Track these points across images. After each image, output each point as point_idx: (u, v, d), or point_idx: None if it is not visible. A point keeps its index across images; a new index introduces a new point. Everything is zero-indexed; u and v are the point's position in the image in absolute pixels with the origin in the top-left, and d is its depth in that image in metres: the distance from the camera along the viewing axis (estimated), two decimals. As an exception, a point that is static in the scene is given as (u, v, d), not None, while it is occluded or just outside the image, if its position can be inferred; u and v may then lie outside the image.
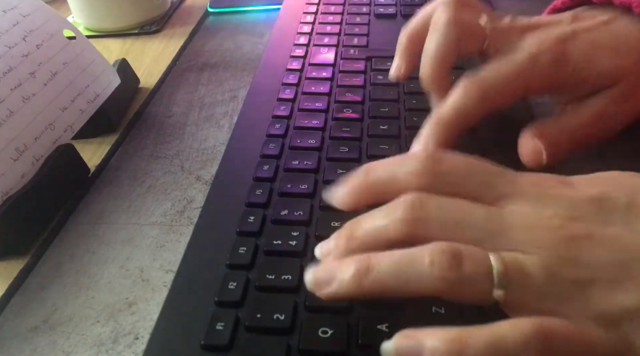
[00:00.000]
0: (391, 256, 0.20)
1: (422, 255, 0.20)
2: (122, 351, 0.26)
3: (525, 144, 0.30)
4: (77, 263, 0.31)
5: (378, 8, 0.51)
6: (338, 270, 0.21)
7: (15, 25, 0.37)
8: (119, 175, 0.38)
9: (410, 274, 0.20)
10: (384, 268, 0.20)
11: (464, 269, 0.19)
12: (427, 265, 0.19)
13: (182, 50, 0.54)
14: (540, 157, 0.29)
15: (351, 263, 0.21)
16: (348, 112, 0.37)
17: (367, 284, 0.20)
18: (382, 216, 0.22)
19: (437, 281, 0.19)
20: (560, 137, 0.30)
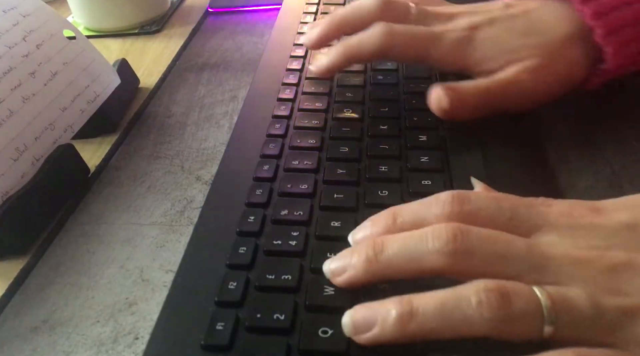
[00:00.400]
0: (435, 298, 0.20)
1: (468, 295, 0.19)
2: (122, 351, 0.26)
3: (432, 93, 0.33)
4: (77, 263, 0.31)
5: (378, 8, 0.51)
6: (379, 314, 0.20)
7: (15, 25, 0.37)
8: (119, 175, 0.38)
9: (457, 316, 0.19)
10: (430, 311, 0.19)
11: (513, 307, 0.19)
12: (475, 306, 0.19)
13: (182, 50, 0.54)
14: (440, 104, 0.32)
15: (392, 306, 0.20)
16: (348, 112, 0.37)
17: (411, 330, 0.19)
18: (418, 242, 0.21)
19: (486, 322, 0.19)
20: (468, 92, 0.33)
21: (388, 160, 0.32)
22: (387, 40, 0.33)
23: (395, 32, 0.33)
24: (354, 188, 0.30)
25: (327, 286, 0.25)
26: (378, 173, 0.31)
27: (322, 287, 0.25)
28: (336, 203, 0.29)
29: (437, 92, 0.33)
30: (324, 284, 0.25)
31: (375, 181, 0.31)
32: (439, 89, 0.32)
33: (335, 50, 0.36)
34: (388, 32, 0.33)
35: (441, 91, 0.32)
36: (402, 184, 0.30)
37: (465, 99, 0.33)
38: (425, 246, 0.21)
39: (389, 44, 0.33)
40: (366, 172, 0.31)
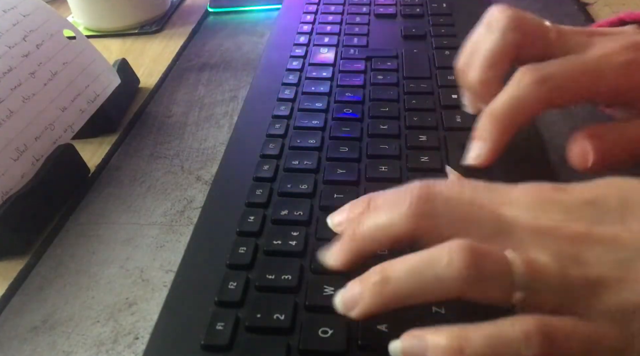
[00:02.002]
0: (406, 261, 0.20)
1: (440, 255, 0.19)
2: (122, 351, 0.26)
3: (573, 145, 0.27)
4: (77, 263, 0.31)
5: (378, 8, 0.51)
6: (358, 289, 0.21)
7: (15, 25, 0.37)
8: (119, 175, 0.38)
9: (429, 277, 0.19)
10: (402, 275, 0.20)
11: (484, 267, 0.19)
12: (445, 265, 0.19)
13: (182, 50, 0.54)
14: (587, 160, 0.27)
15: (371, 275, 0.21)
16: (348, 112, 0.37)
17: (387, 296, 0.20)
18: (387, 211, 0.22)
19: (457, 281, 0.19)
20: (616, 141, 0.27)
21: (388, 160, 0.32)
22: (545, 88, 0.27)
23: (551, 76, 0.27)
24: (354, 188, 0.30)
25: (327, 286, 0.25)
26: (378, 173, 0.31)
27: (322, 287, 0.25)
28: (336, 203, 0.29)
29: (582, 144, 0.27)
30: (324, 285, 0.25)
31: (375, 180, 0.31)
32: (585, 141, 0.27)
33: (490, 128, 0.28)
34: (542, 78, 0.26)
35: (587, 142, 0.27)
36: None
37: (613, 154, 0.27)
38: (396, 212, 0.21)
39: (548, 92, 0.27)
40: (366, 172, 0.31)
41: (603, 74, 0.27)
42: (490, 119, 0.28)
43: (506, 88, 0.28)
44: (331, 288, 0.25)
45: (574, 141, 0.27)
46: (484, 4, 0.52)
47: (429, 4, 0.50)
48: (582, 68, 0.27)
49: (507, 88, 0.27)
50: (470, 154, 0.29)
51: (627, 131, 0.27)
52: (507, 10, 0.29)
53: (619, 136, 0.27)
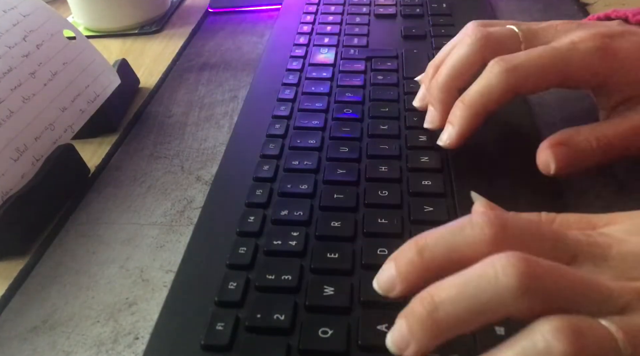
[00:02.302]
0: (510, 347, 0.18)
1: (538, 341, 0.17)
2: (122, 351, 0.26)
3: (538, 153, 0.29)
4: (77, 263, 0.31)
5: (378, 8, 0.51)
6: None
7: (15, 25, 0.37)
8: (119, 175, 0.38)
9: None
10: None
11: (591, 345, 0.17)
12: (548, 348, 0.17)
13: (182, 50, 0.54)
14: (548, 169, 0.28)
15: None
16: (348, 112, 0.37)
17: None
18: (481, 283, 0.18)
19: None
20: (588, 147, 0.28)
21: (388, 160, 0.32)
22: (512, 76, 0.28)
23: (518, 65, 0.28)
24: (354, 188, 0.30)
25: (327, 286, 0.25)
26: (378, 173, 0.31)
27: (322, 287, 0.25)
28: (336, 203, 0.29)
29: (545, 154, 0.28)
30: (324, 285, 0.25)
31: (375, 181, 0.31)
32: (547, 151, 0.28)
33: (459, 114, 0.30)
34: (509, 67, 0.28)
35: (549, 152, 0.28)
36: (402, 184, 0.31)
37: (580, 157, 0.28)
38: (492, 289, 0.18)
39: (515, 80, 0.28)
40: (366, 172, 0.31)
41: (570, 61, 0.28)
42: (461, 106, 0.30)
43: (479, 78, 0.30)
44: (331, 288, 0.25)
45: (539, 149, 0.29)
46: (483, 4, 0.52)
47: (429, 4, 0.50)
48: (549, 55, 0.29)
49: (479, 78, 0.30)
50: (442, 137, 0.31)
51: (601, 133, 0.28)
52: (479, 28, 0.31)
53: (584, 142, 0.28)
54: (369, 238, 0.27)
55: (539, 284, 0.18)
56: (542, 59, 0.28)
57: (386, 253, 0.26)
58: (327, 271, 0.26)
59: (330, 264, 0.26)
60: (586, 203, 0.31)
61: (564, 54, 0.28)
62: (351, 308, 0.24)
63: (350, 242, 0.27)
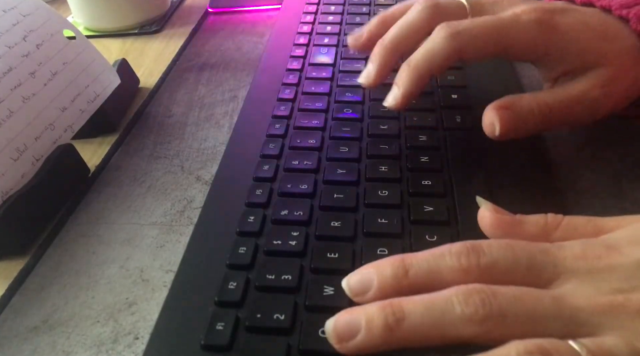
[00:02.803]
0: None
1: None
2: (122, 351, 0.26)
3: (484, 115, 0.30)
4: (77, 263, 0.31)
5: (378, 8, 0.51)
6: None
7: (15, 25, 0.37)
8: (119, 175, 0.38)
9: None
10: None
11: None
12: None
13: (182, 50, 0.54)
14: (493, 130, 0.29)
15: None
16: (348, 112, 0.37)
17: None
18: (444, 308, 0.20)
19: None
20: (529, 112, 0.29)
21: (388, 160, 0.32)
22: (456, 41, 0.30)
23: (462, 30, 0.30)
24: (354, 188, 0.30)
25: (327, 286, 0.25)
26: (378, 173, 0.31)
27: (322, 287, 0.25)
28: (336, 203, 0.29)
29: (490, 115, 0.29)
30: (324, 285, 0.25)
31: (375, 181, 0.31)
32: (492, 112, 0.29)
33: (404, 76, 0.31)
34: (453, 32, 0.30)
35: (494, 113, 0.29)
36: (402, 184, 0.31)
37: (522, 121, 0.30)
38: (452, 313, 0.19)
39: (459, 45, 0.30)
40: (366, 172, 0.31)
41: (511, 30, 0.30)
42: (407, 68, 0.31)
43: (425, 42, 0.31)
44: (331, 288, 0.25)
45: (485, 111, 0.30)
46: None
47: (429, 4, 0.50)
48: (492, 24, 0.30)
49: (425, 42, 0.31)
50: (388, 98, 0.32)
51: (543, 101, 0.30)
52: None
53: (533, 106, 0.30)
54: (369, 238, 0.27)
55: (492, 312, 0.19)
56: (485, 27, 0.30)
57: (386, 253, 0.26)
58: (327, 271, 0.26)
59: (330, 264, 0.26)
60: (586, 203, 0.31)
61: (506, 24, 0.30)
62: (351, 308, 0.24)
63: (350, 242, 0.27)
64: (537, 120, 0.30)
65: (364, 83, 0.34)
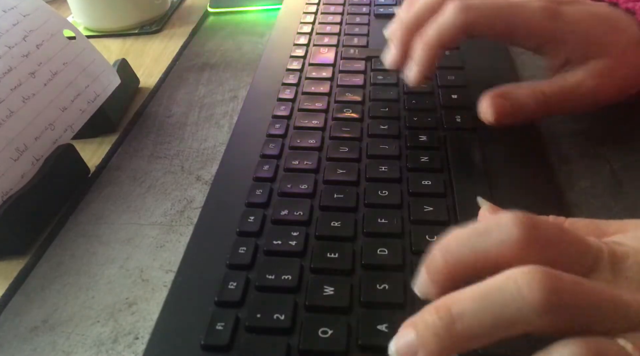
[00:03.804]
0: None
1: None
2: (122, 351, 0.26)
3: (481, 101, 0.31)
4: (77, 263, 0.31)
5: (378, 8, 0.51)
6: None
7: (15, 25, 0.37)
8: (119, 175, 0.38)
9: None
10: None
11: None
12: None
13: (182, 50, 0.54)
14: (487, 116, 0.31)
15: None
16: (348, 112, 0.37)
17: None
18: (502, 298, 0.17)
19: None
20: (525, 101, 0.31)
21: (388, 160, 0.32)
22: (466, 16, 0.31)
23: (472, 6, 0.31)
24: (354, 188, 0.30)
25: (327, 286, 0.25)
26: (378, 173, 0.31)
27: (322, 287, 0.25)
28: (336, 203, 0.29)
29: (486, 102, 0.31)
30: (324, 285, 0.25)
31: (375, 181, 0.31)
32: (488, 99, 0.31)
33: (419, 53, 0.32)
34: (464, 7, 0.31)
35: (490, 101, 0.31)
36: (402, 184, 0.31)
37: (517, 109, 0.31)
38: (513, 303, 0.17)
39: (469, 20, 0.31)
40: (366, 172, 0.31)
41: (519, 13, 0.31)
42: (421, 45, 0.32)
43: (435, 17, 0.32)
44: (331, 288, 0.25)
45: (482, 98, 0.31)
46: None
47: (429, 4, 0.50)
48: (501, 4, 0.31)
49: (436, 16, 0.32)
50: (408, 76, 0.33)
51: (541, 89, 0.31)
52: None
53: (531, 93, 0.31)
54: (369, 238, 0.27)
55: (562, 301, 0.17)
56: (494, 5, 0.31)
57: (386, 253, 0.26)
58: (327, 271, 0.26)
59: (330, 264, 0.26)
60: (586, 203, 0.31)
61: (514, 6, 0.31)
62: (351, 308, 0.24)
63: (350, 242, 0.27)
64: (532, 109, 0.31)
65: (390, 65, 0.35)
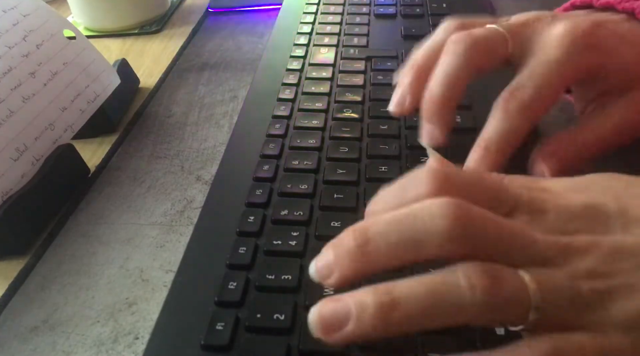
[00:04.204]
0: (421, 285, 0.18)
1: (458, 280, 0.18)
2: (122, 351, 0.26)
3: (533, 165, 0.29)
4: (77, 263, 0.31)
5: (378, 8, 0.51)
6: (353, 306, 0.18)
7: (15, 25, 0.37)
8: (119, 175, 0.38)
9: (447, 303, 0.18)
10: (415, 300, 0.18)
11: (504, 291, 0.18)
12: (466, 291, 0.18)
13: (182, 50, 0.54)
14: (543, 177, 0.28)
15: (368, 296, 0.18)
16: (348, 112, 0.37)
17: (394, 322, 0.18)
18: (413, 223, 0.19)
19: (477, 307, 0.18)
20: (574, 155, 0.28)
21: (388, 160, 0.32)
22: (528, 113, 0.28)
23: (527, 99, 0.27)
24: (354, 188, 0.30)
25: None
26: (378, 173, 0.31)
27: (322, 287, 0.25)
28: (336, 203, 0.29)
29: (538, 166, 0.28)
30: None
31: (375, 181, 0.31)
32: (540, 163, 0.28)
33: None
34: (521, 107, 0.27)
35: (542, 165, 0.28)
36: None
37: (571, 163, 0.28)
38: (423, 228, 0.19)
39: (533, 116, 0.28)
40: (366, 173, 0.31)
41: (570, 67, 0.28)
42: (486, 154, 0.28)
43: (495, 121, 0.28)
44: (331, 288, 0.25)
45: (533, 161, 0.29)
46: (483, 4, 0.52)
47: (429, 4, 0.50)
48: (551, 72, 0.28)
49: (497, 120, 0.28)
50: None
51: (577, 140, 0.29)
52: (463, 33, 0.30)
53: (571, 147, 0.29)
54: (369, 238, 0.27)
55: (469, 230, 0.18)
56: (545, 82, 0.28)
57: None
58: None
59: (330, 264, 0.26)
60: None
61: (561, 65, 0.28)
62: (351, 308, 0.24)
63: (350, 242, 0.27)
64: (583, 158, 0.29)
65: (432, 144, 0.30)
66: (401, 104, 0.31)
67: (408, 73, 0.32)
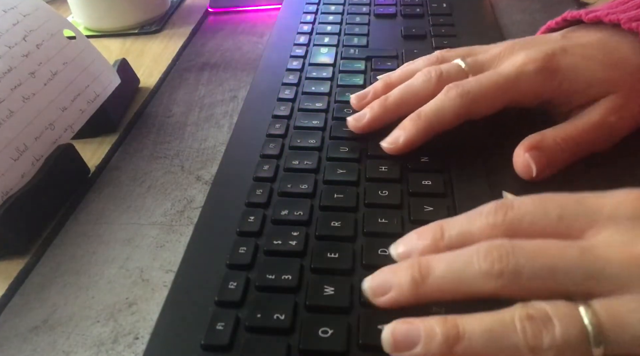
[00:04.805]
0: (482, 323, 0.19)
1: (508, 324, 0.19)
2: (122, 351, 0.26)
3: (517, 158, 0.30)
4: (77, 263, 0.31)
5: (378, 8, 0.51)
6: (423, 332, 0.20)
7: (15, 25, 0.37)
8: (119, 175, 0.38)
9: (504, 344, 0.18)
10: (477, 337, 0.19)
11: (555, 333, 0.18)
12: (519, 336, 0.18)
13: (182, 50, 0.54)
14: (529, 171, 0.29)
15: (438, 326, 0.20)
16: (348, 112, 0.37)
17: (457, 353, 0.19)
18: (465, 264, 0.20)
19: (528, 350, 0.18)
20: (556, 148, 0.29)
21: (388, 160, 0.32)
22: (465, 100, 0.30)
23: (469, 90, 0.30)
24: (354, 188, 0.30)
25: (327, 286, 0.25)
26: (378, 173, 0.31)
27: (322, 287, 0.25)
28: (336, 203, 0.29)
29: (524, 159, 0.29)
30: (324, 285, 0.25)
31: (375, 181, 0.31)
32: (525, 155, 0.29)
33: (412, 124, 0.31)
34: (462, 92, 0.30)
35: (527, 156, 0.29)
36: (402, 184, 0.30)
37: (552, 158, 0.29)
38: (472, 269, 0.20)
39: (468, 104, 0.30)
40: (366, 172, 0.31)
41: (516, 85, 0.30)
42: (416, 118, 0.31)
43: (434, 99, 0.31)
44: (331, 288, 0.25)
45: (516, 155, 0.30)
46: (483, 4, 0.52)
47: (429, 4, 0.50)
48: (496, 82, 0.31)
49: (435, 99, 0.31)
50: (387, 138, 0.32)
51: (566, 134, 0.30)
52: (433, 67, 0.33)
53: (553, 144, 0.29)
54: (369, 238, 0.27)
55: (508, 268, 0.19)
56: (489, 84, 0.31)
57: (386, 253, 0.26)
58: (327, 271, 0.26)
59: (330, 264, 0.26)
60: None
61: (510, 79, 0.30)
62: (351, 308, 0.24)
63: (350, 242, 0.27)
64: (565, 155, 0.30)
65: (353, 125, 0.34)
66: (361, 99, 0.35)
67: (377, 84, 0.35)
